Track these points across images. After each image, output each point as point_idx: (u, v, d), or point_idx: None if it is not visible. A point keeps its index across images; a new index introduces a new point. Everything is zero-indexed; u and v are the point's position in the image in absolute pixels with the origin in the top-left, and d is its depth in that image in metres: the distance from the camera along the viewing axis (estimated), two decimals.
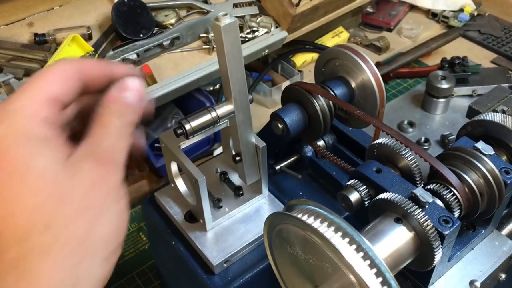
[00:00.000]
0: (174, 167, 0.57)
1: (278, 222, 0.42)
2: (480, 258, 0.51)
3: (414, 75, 1.06)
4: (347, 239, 0.36)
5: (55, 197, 0.29)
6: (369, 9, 1.19)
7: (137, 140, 0.38)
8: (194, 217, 0.58)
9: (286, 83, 0.99)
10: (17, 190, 0.29)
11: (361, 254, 0.36)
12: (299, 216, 0.39)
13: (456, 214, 0.46)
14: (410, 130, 0.86)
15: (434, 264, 0.43)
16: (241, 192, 0.59)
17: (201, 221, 0.56)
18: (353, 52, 0.60)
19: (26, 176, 0.29)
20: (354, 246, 0.36)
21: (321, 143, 0.65)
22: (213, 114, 0.49)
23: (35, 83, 0.32)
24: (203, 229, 0.57)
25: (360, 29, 1.19)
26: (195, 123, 0.48)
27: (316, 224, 0.38)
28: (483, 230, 0.51)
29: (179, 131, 0.48)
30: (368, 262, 0.36)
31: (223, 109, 0.49)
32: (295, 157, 0.65)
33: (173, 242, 0.58)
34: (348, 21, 1.17)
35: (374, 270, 0.36)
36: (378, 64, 1.07)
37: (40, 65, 0.75)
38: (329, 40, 1.10)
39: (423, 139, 0.82)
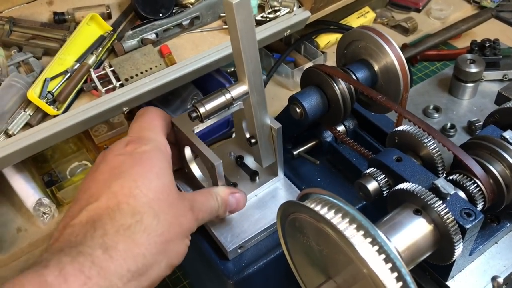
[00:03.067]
0: (188, 152, 0.56)
1: (292, 211, 0.41)
2: (504, 253, 0.49)
3: (442, 58, 1.03)
4: (361, 232, 0.35)
5: (165, 203, 0.44)
6: None
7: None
8: None
9: (309, 65, 0.96)
10: (145, 185, 0.43)
11: (376, 247, 0.34)
12: (313, 206, 0.38)
13: (480, 206, 0.44)
14: (436, 115, 0.83)
15: (454, 259, 0.41)
16: (257, 177, 0.58)
17: None
18: (376, 33, 0.58)
19: (156, 178, 0.44)
20: (369, 239, 0.35)
21: (341, 128, 0.63)
22: (228, 96, 0.47)
23: (155, 122, 0.50)
24: None
25: (387, 9, 1.15)
26: (209, 106, 0.47)
27: (330, 215, 0.36)
28: (508, 224, 0.49)
29: (194, 115, 0.47)
30: (383, 256, 0.34)
31: (238, 90, 0.48)
32: (314, 142, 0.64)
33: None
34: (375, 1, 1.14)
35: (389, 265, 0.34)
36: (404, 46, 1.03)
37: (59, 44, 0.74)
38: (354, 21, 1.07)
39: (449, 125, 0.79)
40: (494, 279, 0.44)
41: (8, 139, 0.66)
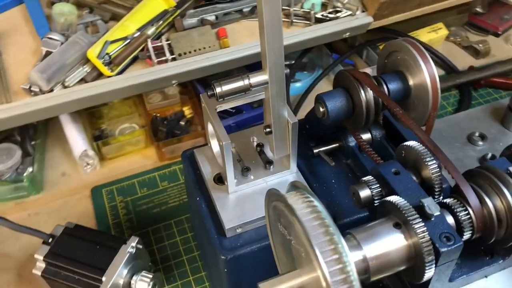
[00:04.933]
0: (210, 127, 0.59)
1: (274, 199, 0.43)
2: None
3: (509, 87, 0.98)
4: (323, 229, 0.36)
5: None
6: (479, 9, 1.10)
7: None
8: (222, 180, 0.60)
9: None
10: None
11: (332, 246, 0.36)
12: (290, 198, 0.39)
13: (467, 235, 0.44)
14: (480, 143, 0.80)
15: (424, 279, 0.41)
16: (271, 166, 0.60)
17: (226, 184, 0.58)
18: (415, 48, 0.57)
19: None
20: (327, 238, 0.36)
21: (367, 136, 0.63)
22: (246, 81, 0.50)
23: None
24: (226, 192, 0.59)
25: (464, 28, 1.11)
26: (226, 87, 0.50)
27: (299, 207, 0.38)
28: (501, 260, 0.47)
29: (210, 93, 0.50)
30: (336, 256, 0.35)
31: (257, 78, 0.50)
32: (337, 144, 0.65)
33: (198, 198, 0.60)
34: (451, 19, 1.10)
35: (340, 266, 0.35)
36: (471, 69, 1.00)
37: (126, 11, 0.80)
38: (425, 35, 1.04)
39: (489, 155, 0.76)
40: None
41: (64, 90, 0.73)
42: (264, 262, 0.57)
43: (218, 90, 0.50)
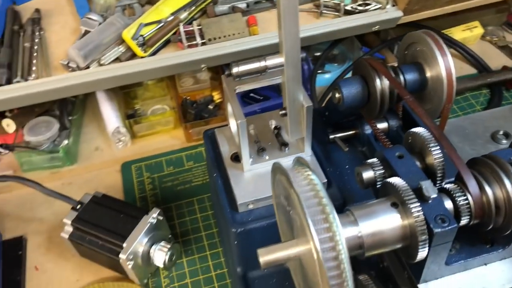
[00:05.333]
0: (229, 108, 0.62)
1: (277, 172, 0.45)
2: (490, 276, 0.48)
3: None
4: (316, 200, 0.38)
5: None
6: None
7: None
8: (238, 159, 0.63)
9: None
10: None
11: (323, 216, 0.38)
12: (291, 172, 0.42)
13: (464, 220, 0.45)
14: (504, 141, 0.79)
15: (417, 258, 0.43)
16: (286, 148, 0.62)
17: (241, 162, 0.61)
18: (433, 39, 0.59)
19: None
20: (320, 208, 0.38)
21: (384, 125, 0.65)
22: (262, 63, 0.52)
23: None
24: (241, 170, 0.61)
25: (501, 28, 1.09)
26: (243, 67, 0.52)
27: (297, 180, 0.40)
28: (501, 249, 0.48)
29: (227, 72, 0.53)
30: (326, 225, 0.37)
31: (273, 60, 0.53)
32: (353, 132, 0.66)
33: (215, 174, 0.63)
34: (489, 17, 1.09)
35: (329, 234, 0.37)
36: (504, 68, 0.99)
37: None
38: (459, 33, 1.04)
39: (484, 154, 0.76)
40: None
41: (99, 67, 0.77)
42: (272, 238, 0.59)
43: (235, 70, 0.53)
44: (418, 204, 0.42)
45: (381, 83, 0.58)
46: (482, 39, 1.07)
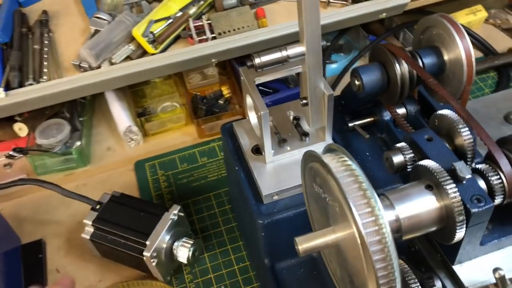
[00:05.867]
0: (249, 100, 0.62)
1: (310, 160, 0.45)
2: None
3: None
4: (356, 185, 0.38)
5: None
6: None
7: None
8: (259, 151, 0.63)
9: None
10: None
11: (365, 200, 0.38)
12: (326, 158, 0.42)
13: (498, 199, 0.45)
14: None
15: (455, 239, 0.43)
16: (307, 138, 0.62)
17: (263, 154, 0.61)
18: (450, 22, 0.58)
19: None
20: (361, 193, 0.38)
21: (402, 111, 0.65)
22: (284, 52, 0.52)
23: None
24: (263, 162, 0.61)
25: (504, 11, 1.10)
26: (265, 58, 0.52)
27: (335, 166, 0.40)
28: None
29: (249, 63, 0.52)
30: (369, 209, 0.37)
31: (294, 49, 0.52)
32: (372, 118, 0.66)
33: (237, 168, 0.63)
34: (492, 1, 1.09)
35: (372, 218, 0.37)
36: (510, 51, 0.99)
37: None
38: (463, 17, 1.04)
39: None
40: (495, 270, 0.44)
41: (111, 66, 0.77)
42: (298, 228, 0.59)
43: (257, 60, 0.52)
44: (454, 185, 0.42)
45: (401, 68, 0.58)
46: (486, 22, 1.07)
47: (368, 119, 0.66)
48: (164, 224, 0.68)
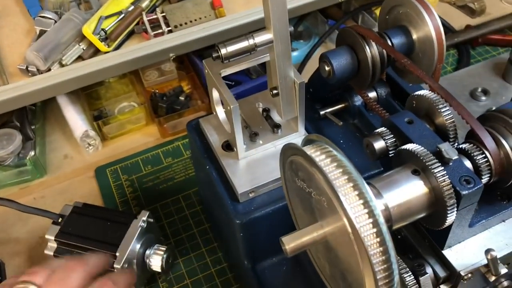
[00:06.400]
0: (215, 94, 0.58)
1: (290, 153, 0.42)
2: (510, 232, 0.47)
3: (506, 43, 0.98)
4: (345, 177, 0.36)
5: None
6: None
7: None
8: (230, 147, 0.60)
9: None
10: None
11: (356, 192, 0.35)
12: (308, 150, 0.39)
13: (485, 178, 0.44)
14: (483, 98, 0.80)
15: (446, 224, 0.41)
16: (279, 130, 0.60)
17: (235, 150, 0.58)
18: (417, 0, 0.57)
19: None
20: (351, 184, 0.35)
21: (372, 94, 0.63)
22: (251, 41, 0.49)
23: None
24: (236, 158, 0.58)
25: None
26: (231, 48, 0.49)
27: (319, 157, 0.37)
28: None
29: (215, 55, 0.49)
30: (361, 201, 0.35)
31: (262, 37, 0.49)
32: (343, 105, 0.64)
33: (208, 167, 0.60)
34: None
35: (366, 211, 0.35)
36: (467, 27, 1.00)
37: None
38: None
39: (493, 109, 0.76)
40: (487, 251, 0.43)
41: (61, 69, 0.72)
42: (278, 224, 0.57)
43: (223, 51, 0.49)
44: (442, 168, 0.40)
45: (371, 50, 0.56)
46: (441, 1, 1.07)
47: (339, 106, 0.64)
48: (134, 233, 0.64)
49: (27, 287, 0.48)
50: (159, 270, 0.66)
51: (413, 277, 0.45)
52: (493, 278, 0.46)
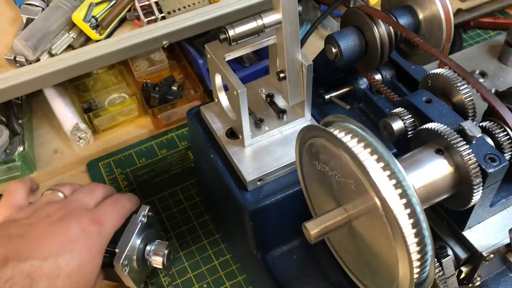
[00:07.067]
0: (218, 79, 0.56)
1: (309, 136, 0.41)
2: None
3: (497, 26, 0.98)
4: (375, 156, 0.34)
5: None
6: None
7: None
8: (235, 134, 0.58)
9: None
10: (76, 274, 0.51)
11: (388, 172, 0.34)
12: (332, 130, 0.37)
13: (508, 155, 0.43)
14: (481, 80, 0.79)
15: (471, 203, 0.40)
16: (284, 115, 0.58)
17: (241, 137, 0.56)
18: None
19: (85, 274, 0.53)
20: (382, 164, 0.34)
21: (378, 76, 0.62)
22: (259, 22, 0.47)
23: (119, 215, 0.59)
24: (241, 145, 0.56)
25: None
26: (239, 29, 0.47)
27: (346, 138, 0.36)
28: None
29: (222, 37, 0.47)
30: (399, 191, 0.33)
31: (270, 17, 0.47)
32: (348, 88, 0.63)
33: (212, 156, 0.58)
34: None
35: (399, 191, 0.33)
36: (458, 11, 0.99)
37: None
38: None
39: (493, 91, 0.76)
40: (511, 231, 0.42)
41: (51, 58, 0.68)
42: (288, 212, 0.56)
43: (231, 33, 0.47)
44: (467, 146, 0.39)
45: (379, 30, 0.54)
46: None
47: (344, 89, 0.63)
48: (134, 228, 0.61)
49: (55, 193, 0.57)
50: (160, 266, 0.63)
51: (436, 260, 0.44)
52: None
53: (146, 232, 0.63)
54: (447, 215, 0.46)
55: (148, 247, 0.63)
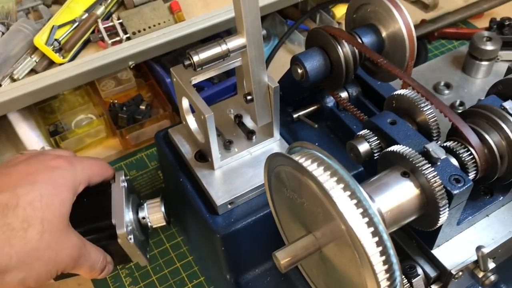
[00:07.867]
0: (185, 103, 0.56)
1: (277, 163, 0.40)
2: (494, 226, 0.48)
3: (460, 36, 1.00)
4: (341, 185, 0.34)
5: (55, 228, 0.49)
6: None
7: None
8: (204, 157, 0.57)
9: None
10: (48, 204, 0.48)
11: (354, 201, 0.34)
12: (297, 158, 0.37)
13: (471, 175, 0.43)
14: (446, 92, 0.81)
15: (439, 224, 0.41)
16: (254, 136, 0.58)
17: (210, 160, 0.55)
18: None
19: (59, 204, 0.50)
20: (348, 193, 0.34)
21: (344, 94, 0.62)
22: (224, 47, 0.47)
23: (96, 168, 0.57)
24: (211, 168, 0.56)
25: None
26: (203, 54, 0.46)
27: (312, 167, 0.36)
28: (501, 197, 0.48)
29: (187, 63, 0.46)
30: (361, 210, 0.34)
31: (235, 42, 0.47)
32: (315, 107, 0.63)
33: (181, 179, 0.57)
34: None
35: (366, 220, 0.34)
36: (423, 22, 1.01)
37: None
38: None
39: (458, 102, 0.77)
40: (478, 249, 0.43)
41: (13, 84, 0.67)
42: (260, 235, 0.55)
43: (195, 59, 0.47)
44: (432, 168, 0.40)
45: (343, 50, 0.55)
46: None
47: (312, 108, 0.63)
48: (120, 195, 0.57)
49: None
50: (164, 223, 0.60)
51: (406, 280, 0.44)
52: (481, 274, 0.46)
53: (131, 198, 0.59)
54: (416, 234, 0.47)
55: (140, 213, 0.60)
